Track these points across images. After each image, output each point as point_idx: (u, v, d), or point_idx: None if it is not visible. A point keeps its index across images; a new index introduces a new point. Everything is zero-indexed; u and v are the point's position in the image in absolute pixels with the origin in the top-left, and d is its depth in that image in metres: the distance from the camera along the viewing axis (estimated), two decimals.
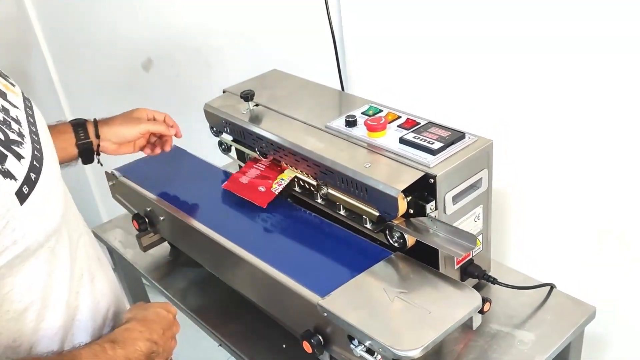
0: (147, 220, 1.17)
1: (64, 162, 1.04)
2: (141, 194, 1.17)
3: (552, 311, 0.99)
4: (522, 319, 0.98)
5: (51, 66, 2.18)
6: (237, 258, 0.97)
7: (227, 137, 1.22)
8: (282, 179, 1.09)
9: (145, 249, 1.22)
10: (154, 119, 1.13)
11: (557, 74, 1.08)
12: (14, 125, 0.70)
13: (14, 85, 0.79)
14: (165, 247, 1.27)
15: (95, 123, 1.08)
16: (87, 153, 1.07)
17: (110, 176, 1.25)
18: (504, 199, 1.23)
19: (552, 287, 1.03)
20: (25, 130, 0.72)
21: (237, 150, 1.22)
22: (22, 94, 0.80)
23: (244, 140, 1.15)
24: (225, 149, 1.24)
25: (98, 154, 1.09)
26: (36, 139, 0.73)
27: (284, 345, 1.00)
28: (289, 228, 1.04)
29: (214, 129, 1.22)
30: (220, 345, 1.06)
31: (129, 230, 1.32)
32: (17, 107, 0.74)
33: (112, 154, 1.11)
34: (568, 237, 1.20)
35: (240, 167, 1.25)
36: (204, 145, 1.28)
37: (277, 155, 1.08)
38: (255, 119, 1.12)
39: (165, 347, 0.82)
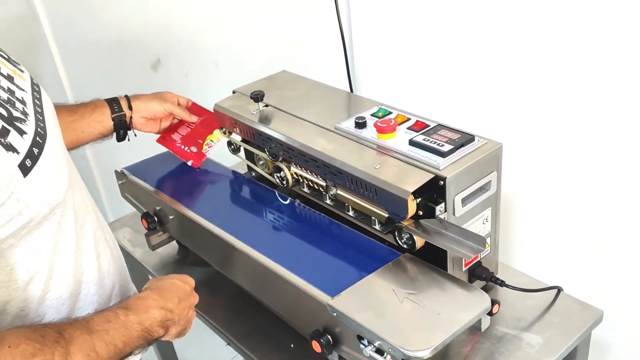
0: (156, 219, 1.18)
1: (101, 136, 1.16)
2: (150, 193, 1.17)
3: (560, 314, 1.00)
4: (530, 322, 0.99)
5: (60, 66, 2.19)
6: (246, 257, 0.97)
7: (236, 137, 1.22)
8: (211, 140, 1.20)
9: (153, 247, 1.23)
10: (178, 104, 1.23)
11: (562, 76, 1.08)
12: (18, 105, 0.74)
13: (22, 72, 0.83)
14: (173, 246, 1.27)
15: (127, 97, 1.17)
16: (121, 126, 1.16)
17: (119, 175, 1.26)
18: (509, 201, 1.24)
19: (560, 290, 1.03)
20: (30, 110, 0.76)
21: (246, 150, 1.23)
22: (31, 79, 0.84)
23: (254, 140, 1.15)
24: (235, 149, 1.25)
25: (129, 129, 1.19)
26: (41, 118, 0.77)
27: (292, 345, 1.01)
28: (298, 228, 1.05)
29: (224, 129, 1.23)
30: (228, 344, 1.07)
31: (137, 229, 1.33)
32: (23, 90, 0.78)
33: (139, 129, 1.20)
34: (573, 239, 1.20)
35: (248, 167, 1.26)
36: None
37: (287, 155, 1.08)
38: (265, 119, 1.12)
39: (182, 316, 0.84)
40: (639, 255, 1.13)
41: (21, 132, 0.70)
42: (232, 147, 1.25)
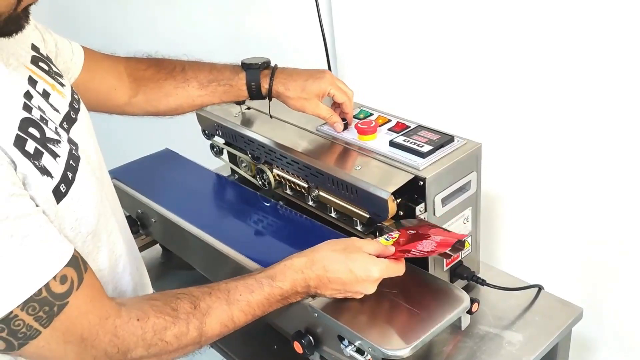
0: (139, 222, 1.18)
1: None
2: (133, 196, 1.17)
3: (540, 312, 1.01)
4: (511, 320, 1.00)
5: None
6: (228, 259, 0.97)
7: (219, 140, 1.23)
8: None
9: None
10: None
11: (548, 77, 1.09)
12: (51, 125, 0.69)
13: (63, 86, 0.78)
14: (157, 249, 1.27)
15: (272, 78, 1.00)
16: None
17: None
18: (493, 202, 1.25)
19: (540, 288, 1.04)
20: (62, 132, 0.71)
21: (229, 153, 1.23)
22: (72, 93, 0.79)
23: (236, 143, 1.15)
24: (217, 152, 1.25)
25: (270, 99, 1.03)
26: (74, 141, 0.72)
27: (275, 346, 1.01)
28: (281, 230, 1.05)
29: (206, 131, 1.23)
30: (211, 346, 1.07)
31: None
32: (57, 110, 0.73)
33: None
34: (556, 239, 1.22)
35: (231, 170, 1.26)
36: (196, 148, 1.28)
37: (269, 158, 1.09)
38: (247, 122, 1.13)
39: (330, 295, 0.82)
40: (620, 252, 1.14)
41: (54, 155, 0.66)
42: (215, 149, 1.25)
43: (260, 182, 1.15)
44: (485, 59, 1.16)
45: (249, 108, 1.16)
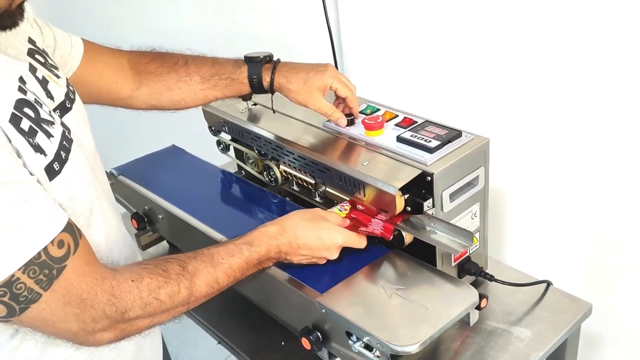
0: (145, 219, 1.18)
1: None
2: (140, 193, 1.17)
3: (549, 308, 1.00)
4: (519, 316, 0.99)
5: None
6: None
7: (225, 137, 1.22)
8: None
9: (144, 247, 1.22)
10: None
11: (556, 72, 1.08)
12: (45, 108, 0.72)
13: (59, 78, 0.81)
14: (164, 246, 1.27)
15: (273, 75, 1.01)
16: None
17: (109, 175, 1.26)
18: (501, 197, 1.24)
19: (549, 284, 1.04)
20: (56, 117, 0.73)
21: (235, 149, 1.23)
22: (68, 85, 0.82)
23: (242, 139, 1.15)
24: (224, 148, 1.25)
25: (272, 92, 1.03)
26: (67, 126, 0.75)
27: (282, 342, 1.01)
28: None
29: (213, 128, 1.23)
30: (219, 342, 1.07)
31: (128, 229, 1.31)
32: (52, 98, 0.76)
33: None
34: (564, 234, 1.21)
35: (238, 166, 1.26)
36: (202, 145, 1.28)
37: (275, 154, 1.08)
38: (254, 118, 1.12)
39: (300, 260, 0.89)
40: (628, 248, 1.13)
41: (48, 135, 0.69)
42: (222, 146, 1.25)
43: (267, 179, 1.15)
44: (493, 54, 1.15)
45: (255, 104, 1.16)
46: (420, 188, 0.90)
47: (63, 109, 0.78)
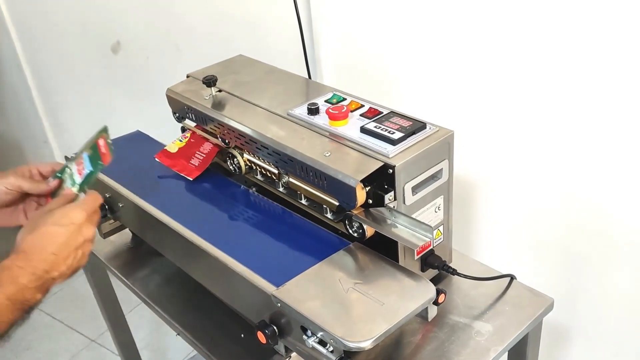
0: (106, 206, 1.15)
1: None
2: (101, 180, 1.14)
3: (511, 302, 1.00)
4: (481, 310, 0.98)
5: (18, 48, 2.13)
6: (193, 246, 0.95)
7: (190, 123, 1.20)
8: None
9: (105, 235, 1.20)
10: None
11: (520, 62, 1.07)
12: None
13: None
14: (127, 234, 1.25)
15: None
16: None
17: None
18: (470, 190, 1.23)
19: (512, 278, 1.03)
20: None
21: None
22: None
23: (206, 126, 1.12)
24: None
25: None
26: None
27: (242, 335, 0.99)
28: (250, 217, 1.03)
29: (177, 114, 1.20)
30: (178, 334, 1.05)
31: None
32: None
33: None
34: (532, 227, 1.21)
35: None
36: (168, 131, 1.25)
37: (239, 142, 1.06)
38: (218, 105, 1.10)
39: (67, 266, 0.77)
40: (596, 242, 1.13)
41: None
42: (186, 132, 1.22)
43: (230, 167, 1.13)
44: (460, 45, 1.13)
45: (220, 90, 1.13)
46: (382, 180, 0.88)
47: None
